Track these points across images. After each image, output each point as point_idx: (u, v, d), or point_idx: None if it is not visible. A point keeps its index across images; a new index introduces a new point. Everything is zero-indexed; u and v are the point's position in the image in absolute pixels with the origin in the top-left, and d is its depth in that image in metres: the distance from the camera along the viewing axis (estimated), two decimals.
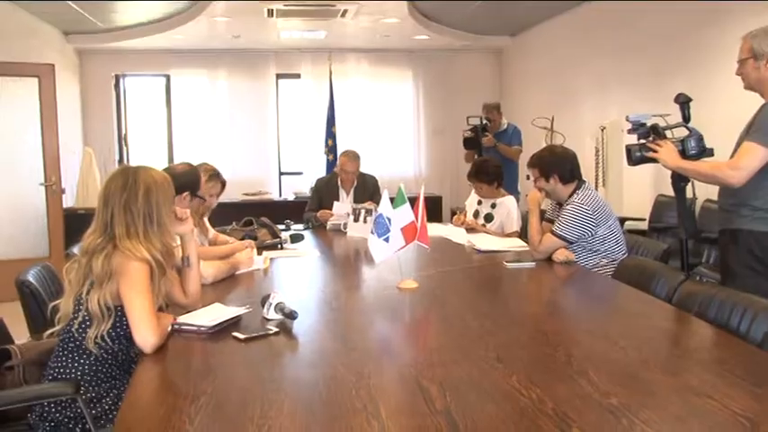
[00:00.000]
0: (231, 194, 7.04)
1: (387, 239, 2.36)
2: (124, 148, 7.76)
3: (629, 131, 2.70)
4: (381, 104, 8.27)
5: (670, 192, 2.84)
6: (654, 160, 2.60)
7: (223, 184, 3.23)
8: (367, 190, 4.68)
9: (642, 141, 2.65)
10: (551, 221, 3.25)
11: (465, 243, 3.48)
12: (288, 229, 4.14)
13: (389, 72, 8.36)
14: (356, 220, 3.95)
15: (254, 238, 3.42)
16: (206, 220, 3.30)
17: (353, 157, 4.67)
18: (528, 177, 3.05)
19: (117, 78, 7.79)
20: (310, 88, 8.07)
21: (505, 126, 5.70)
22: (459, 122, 6.40)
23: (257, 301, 2.07)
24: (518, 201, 4.56)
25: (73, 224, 5.38)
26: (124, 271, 1.81)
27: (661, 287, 2.38)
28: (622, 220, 4.22)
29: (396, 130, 8.39)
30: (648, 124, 2.65)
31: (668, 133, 2.67)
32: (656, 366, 1.57)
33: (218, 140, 7.92)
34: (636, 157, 2.62)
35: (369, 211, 3.94)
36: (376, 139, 8.31)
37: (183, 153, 7.66)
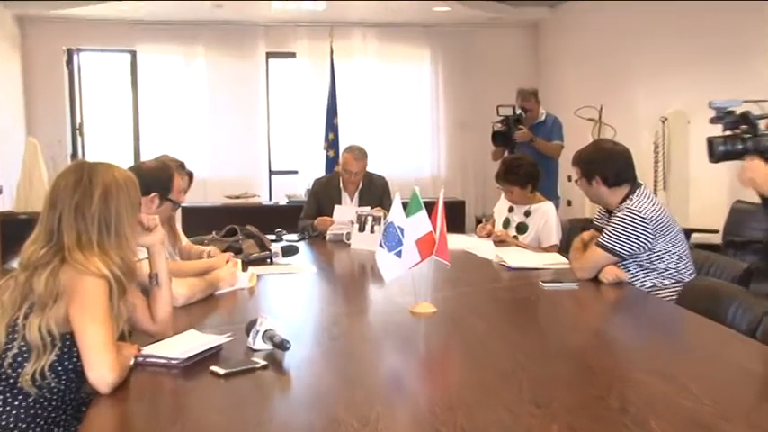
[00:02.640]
0: (211, 197, 7.10)
1: (398, 254, 2.31)
2: (78, 139, 7.65)
3: (713, 120, 2.61)
4: (393, 91, 8.18)
5: (751, 197, 2.96)
6: (741, 155, 2.45)
7: (190, 176, 3.21)
8: (375, 193, 4.62)
9: (728, 133, 2.54)
10: (599, 230, 3.16)
11: (493, 258, 3.44)
12: (279, 239, 4.10)
13: (402, 51, 8.26)
14: (361, 229, 3.94)
15: (239, 251, 3.39)
16: (179, 227, 3.25)
17: (359, 154, 4.60)
18: (570, 179, 3.03)
19: (69, 54, 7.68)
20: (307, 70, 8.03)
21: (544, 117, 5.67)
22: (486, 113, 6.32)
23: (241, 327, 2.04)
24: (557, 207, 4.50)
25: (11, 232, 5.25)
26: (75, 290, 1.77)
27: (740, 317, 2.32)
28: (688, 232, 4.16)
29: (410, 121, 8.28)
30: (738, 112, 2.54)
31: (762, 123, 2.56)
32: (739, 419, 1.53)
33: (194, 132, 7.82)
34: (719, 152, 2.51)
35: (377, 219, 3.91)
36: (386, 133, 8.17)
37: (151, 147, 7.47)
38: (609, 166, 3.04)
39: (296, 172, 8.02)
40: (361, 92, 8.12)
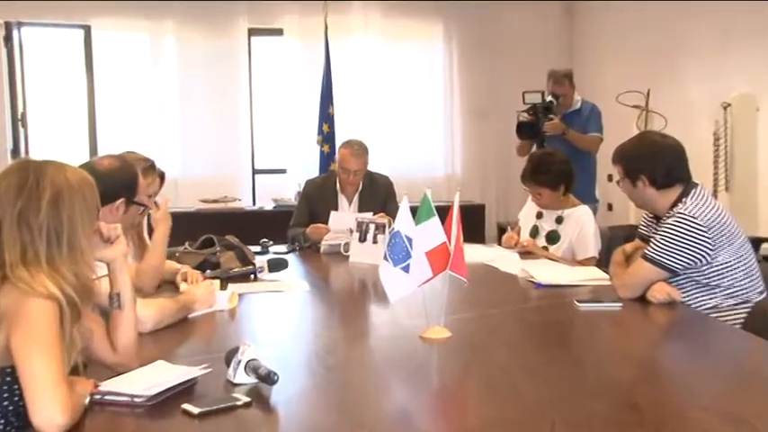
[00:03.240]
0: (184, 201, 6.91)
1: (406, 268, 2.31)
2: (20, 132, 7.51)
3: None
4: (399, 75, 8.04)
5: None
6: None
7: (162, 178, 3.27)
8: (377, 196, 4.63)
9: None
10: (645, 240, 3.14)
11: (518, 273, 3.42)
12: (265, 251, 4.09)
13: (411, 28, 8.13)
14: (362, 239, 3.92)
15: (216, 266, 3.35)
16: (146, 237, 3.30)
17: (359, 149, 4.58)
18: (610, 178, 2.94)
19: (8, 29, 7.45)
20: (297, 51, 7.97)
21: (579, 105, 5.64)
22: (510, 100, 6.24)
23: (220, 357, 2.02)
24: (595, 212, 4.44)
25: None
26: (18, 314, 1.74)
27: None
28: (757, 242, 4.16)
29: (419, 111, 8.14)
30: None
31: None
32: None
33: (162, 125, 7.69)
34: None
35: (380, 227, 3.90)
36: (391, 125, 8.05)
37: (110, 142, 7.34)
38: (657, 163, 2.98)
39: (284, 171, 7.88)
40: (362, 76, 7.94)
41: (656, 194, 3.01)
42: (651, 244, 2.97)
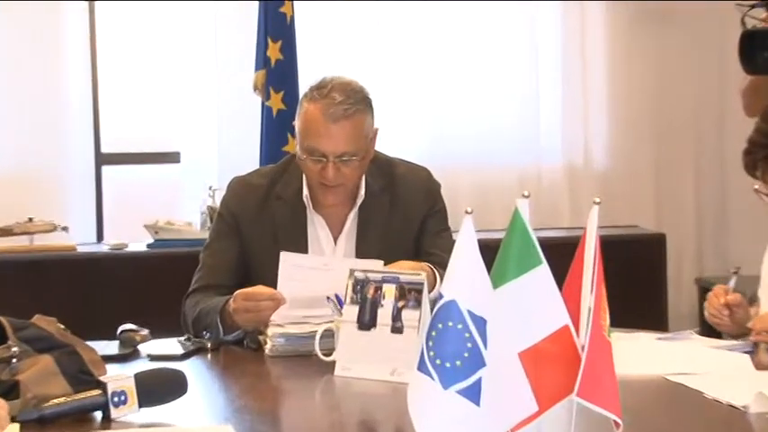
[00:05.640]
0: None
1: (473, 392, 1.74)
2: None
3: None
4: None
5: None
6: None
7: None
8: (401, 215, 3.83)
9: None
10: None
11: (751, 406, 3.10)
12: (128, 353, 3.69)
13: None
14: (364, 321, 2.89)
15: (12, 390, 2.60)
16: None
17: (344, 102, 3.90)
18: None
19: None
20: None
21: None
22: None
23: None
24: None
25: None
26: None
27: None
28: None
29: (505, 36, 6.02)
30: None
31: None
32: None
33: None
34: None
35: (407, 293, 3.49)
36: (441, 66, 5.91)
37: None
38: None
39: (177, 155, 6.19)
40: None
41: None
42: None
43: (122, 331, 3.18)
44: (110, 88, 6.81)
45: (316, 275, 3.15)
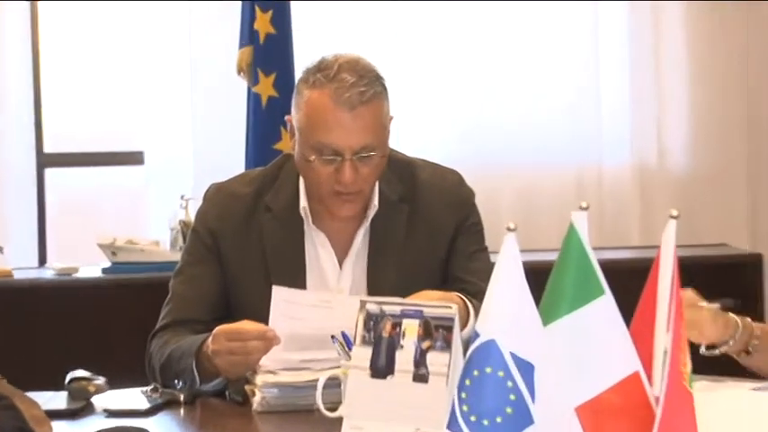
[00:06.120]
0: None
1: None
2: None
3: None
4: None
5: None
6: None
7: None
8: (425, 232, 3.58)
9: None
10: None
11: None
12: (80, 399, 3.25)
13: None
14: (378, 367, 2.87)
15: None
16: None
17: (358, 85, 3.92)
18: None
19: None
20: None
21: None
22: None
23: None
24: None
25: None
26: None
27: None
28: None
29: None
30: None
31: None
32: None
33: None
34: None
35: (433, 331, 2.87)
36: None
37: None
38: None
39: (139, 154, 6.15)
40: None
41: None
42: None
43: (72, 379, 3.11)
44: (57, 80, 7.09)
45: (317, 312, 3.24)
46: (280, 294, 3.19)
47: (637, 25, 6.93)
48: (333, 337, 3.09)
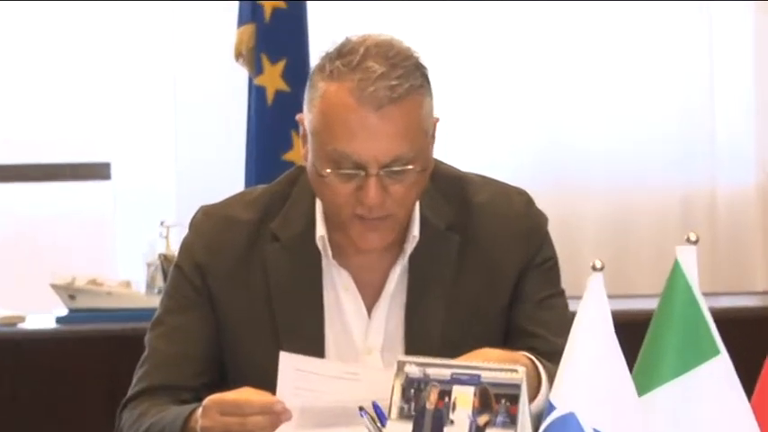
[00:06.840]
0: None
1: None
2: None
3: None
4: None
5: None
6: None
7: None
8: (488, 268, 3.69)
9: None
10: None
11: None
12: None
13: None
14: None
15: None
16: None
17: (392, 76, 3.95)
18: None
19: None
20: None
21: None
22: None
23: None
24: None
25: None
26: None
27: None
28: None
29: None
30: None
31: None
32: None
33: None
34: None
35: (496, 396, 3.00)
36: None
37: None
38: None
39: (105, 172, 6.42)
40: None
41: None
42: None
43: None
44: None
45: (339, 384, 3.31)
46: (289, 362, 3.24)
47: (765, 24, 7.39)
48: (361, 408, 3.07)
